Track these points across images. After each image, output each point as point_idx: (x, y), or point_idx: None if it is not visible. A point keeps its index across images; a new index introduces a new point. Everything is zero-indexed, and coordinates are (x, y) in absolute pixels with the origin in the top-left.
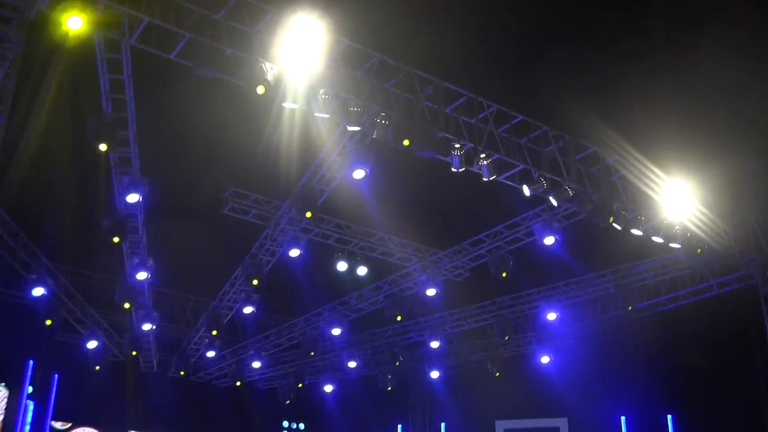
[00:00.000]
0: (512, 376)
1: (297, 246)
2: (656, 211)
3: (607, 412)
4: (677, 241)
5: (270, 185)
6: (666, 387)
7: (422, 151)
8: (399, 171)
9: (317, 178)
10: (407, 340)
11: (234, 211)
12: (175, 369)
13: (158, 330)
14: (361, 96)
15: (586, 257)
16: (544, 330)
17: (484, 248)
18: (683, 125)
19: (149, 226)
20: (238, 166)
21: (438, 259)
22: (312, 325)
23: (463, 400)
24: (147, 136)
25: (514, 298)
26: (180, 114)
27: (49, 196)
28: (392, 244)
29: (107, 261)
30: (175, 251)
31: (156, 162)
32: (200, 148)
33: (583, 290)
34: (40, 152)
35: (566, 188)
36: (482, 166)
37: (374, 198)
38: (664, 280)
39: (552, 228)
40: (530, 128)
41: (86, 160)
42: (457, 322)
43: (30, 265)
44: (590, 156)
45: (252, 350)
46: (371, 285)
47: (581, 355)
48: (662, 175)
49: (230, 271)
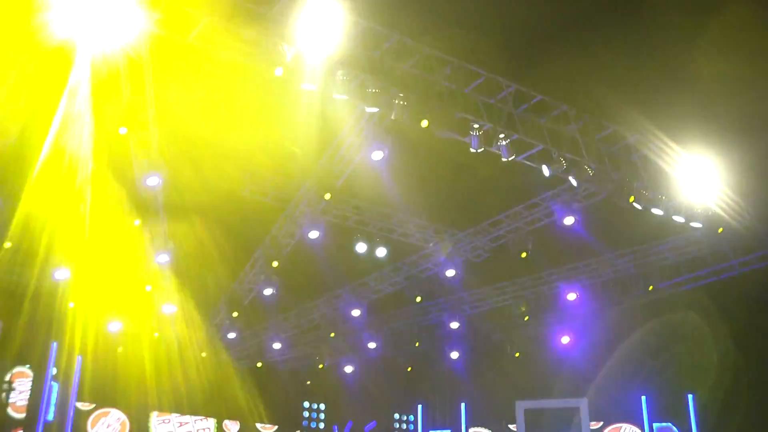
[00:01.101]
0: (532, 356)
1: (316, 228)
2: (677, 190)
3: (628, 392)
4: (698, 220)
5: (289, 167)
6: (687, 367)
7: (441, 131)
8: (418, 152)
9: (336, 160)
10: (427, 321)
11: (253, 192)
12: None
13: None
14: (380, 77)
15: (606, 237)
16: (564, 310)
17: (504, 229)
18: (705, 104)
19: (169, 208)
20: (258, 147)
21: (457, 240)
22: (332, 306)
23: (483, 381)
24: (166, 119)
25: (533, 278)
26: (198, 96)
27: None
28: (411, 225)
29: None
30: (195, 233)
31: (175, 144)
32: (219, 130)
33: (603, 270)
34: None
35: (586, 168)
36: (501, 147)
37: (393, 179)
38: (685, 259)
39: (572, 208)
40: (550, 108)
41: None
42: (477, 303)
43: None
44: (610, 135)
45: (272, 332)
46: (390, 266)
47: (601, 336)
48: (683, 153)
49: (250, 253)
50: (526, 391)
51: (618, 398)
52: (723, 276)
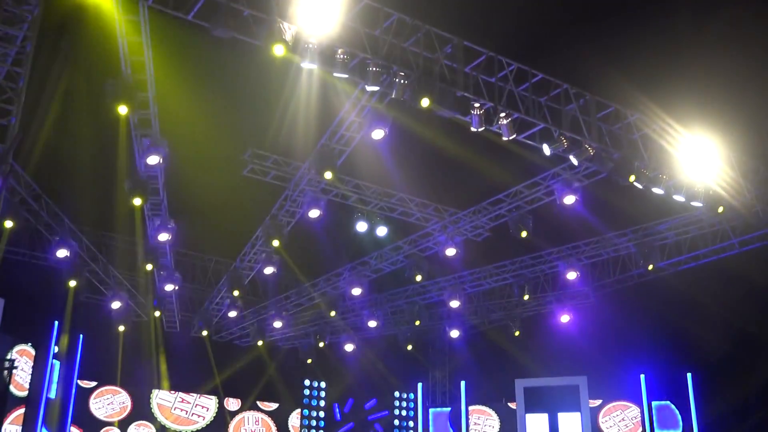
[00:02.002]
0: (532, 335)
1: (316, 206)
2: (678, 169)
3: (627, 370)
4: (699, 199)
5: (289, 146)
6: (685, 345)
7: (441, 110)
8: (418, 131)
9: (336, 139)
10: (427, 300)
11: (254, 172)
12: (197, 329)
13: (180, 290)
14: (380, 55)
15: (606, 216)
16: (564, 289)
17: (504, 208)
18: (706, 83)
19: (170, 188)
20: (258, 127)
21: (457, 219)
22: (332, 285)
23: (483, 359)
24: (166, 98)
25: (533, 257)
26: (199, 75)
27: (70, 159)
28: (412, 204)
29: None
30: (196, 213)
31: (175, 123)
32: (220, 110)
33: (604, 249)
34: (61, 115)
35: (587, 147)
36: (502, 126)
37: (393, 158)
38: (685, 238)
39: (572, 187)
40: (550, 86)
41: (107, 123)
42: (477, 282)
43: (53, 228)
44: (611, 114)
45: (273, 310)
46: (391, 245)
47: (601, 314)
48: (684, 133)
49: (251, 232)
50: (525, 369)
51: (617, 377)
52: (723, 255)
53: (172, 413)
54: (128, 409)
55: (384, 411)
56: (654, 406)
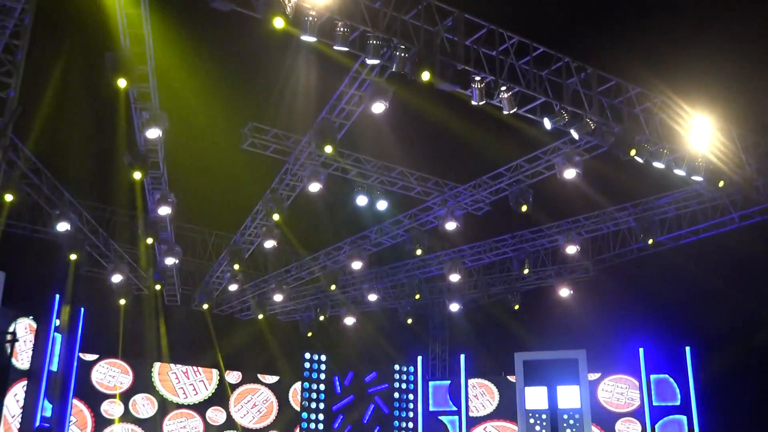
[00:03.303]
0: (531, 309)
1: (317, 180)
2: (679, 143)
3: (626, 344)
4: (699, 174)
5: (289, 120)
6: (684, 319)
7: (442, 84)
8: (418, 104)
9: (336, 113)
10: (427, 274)
11: (254, 146)
12: (198, 302)
13: (181, 264)
14: (380, 28)
15: (606, 191)
16: (563, 263)
17: (504, 182)
18: (708, 57)
19: (170, 162)
20: (258, 100)
21: (458, 193)
22: (333, 258)
23: (483, 333)
24: (166, 71)
25: (533, 231)
26: (198, 48)
27: (70, 133)
28: (412, 178)
29: (130, 196)
30: (196, 186)
31: (175, 97)
32: (219, 83)
33: (604, 224)
34: (60, 89)
35: (587, 121)
36: (502, 99)
37: (394, 132)
38: (685, 213)
39: (573, 161)
40: (551, 60)
41: (106, 96)
42: (477, 256)
43: (53, 201)
44: (612, 88)
45: (273, 284)
46: (391, 219)
47: (600, 289)
48: (686, 107)
49: (251, 206)
50: (525, 343)
51: (616, 350)
52: (723, 230)
53: (173, 386)
54: (130, 382)
55: (384, 384)
56: (653, 380)
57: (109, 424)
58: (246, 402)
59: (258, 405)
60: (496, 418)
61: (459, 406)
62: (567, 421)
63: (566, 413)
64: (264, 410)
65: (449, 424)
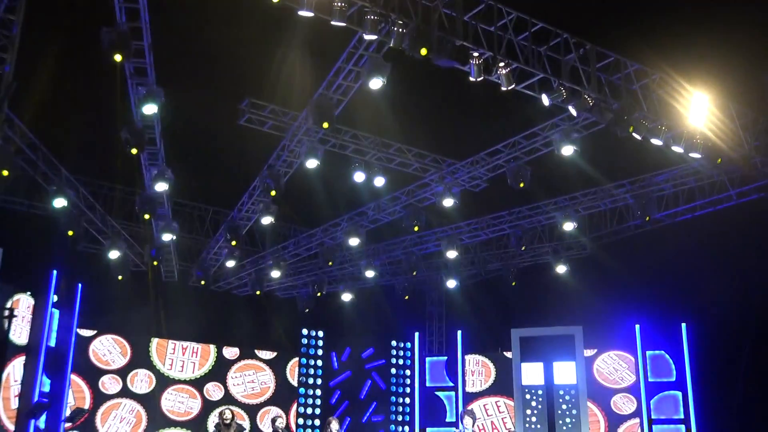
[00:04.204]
0: (528, 285)
1: (314, 157)
2: (677, 120)
3: (622, 320)
4: (697, 150)
5: (287, 96)
6: (680, 296)
7: (440, 60)
8: (416, 80)
9: (334, 88)
10: (424, 250)
11: (251, 122)
12: (195, 278)
13: (178, 240)
14: (378, 4)
15: (604, 167)
16: (560, 240)
17: (502, 158)
18: (707, 33)
19: (167, 137)
20: (255, 76)
21: (455, 170)
22: (330, 235)
23: (480, 309)
24: (162, 47)
25: (531, 208)
26: (195, 23)
27: (67, 108)
28: (410, 155)
29: (127, 172)
30: (194, 163)
31: (172, 72)
32: (216, 58)
33: (601, 200)
34: (56, 64)
35: (586, 97)
36: (501, 76)
37: (392, 108)
38: (683, 190)
39: (571, 138)
40: (550, 36)
41: (103, 71)
42: (474, 233)
43: (50, 177)
44: (611, 64)
45: (271, 260)
46: (388, 195)
47: (597, 265)
48: (684, 83)
49: (248, 182)
50: (521, 319)
51: (612, 327)
52: (720, 207)
53: (171, 361)
54: (127, 357)
55: (381, 360)
56: (648, 356)
57: (108, 400)
58: (244, 377)
59: (255, 380)
60: (493, 393)
61: (456, 381)
62: (563, 397)
63: (562, 389)
64: (261, 386)
65: (446, 399)
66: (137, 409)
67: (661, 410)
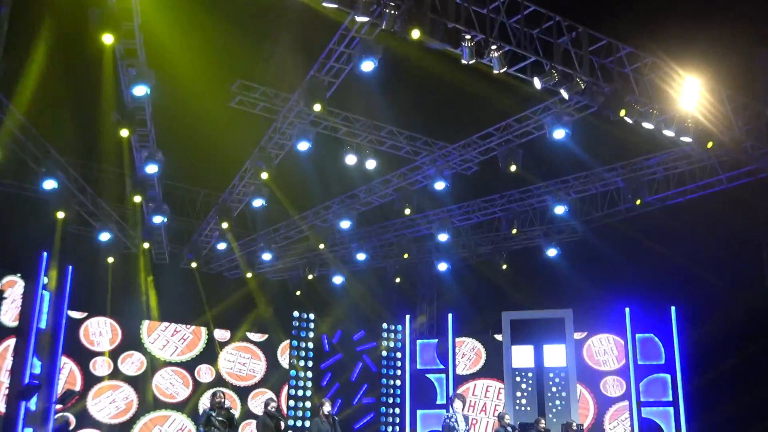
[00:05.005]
0: (519, 268)
1: (305, 139)
2: (668, 104)
3: (612, 303)
4: (688, 134)
5: (278, 78)
6: (670, 279)
7: (432, 42)
8: (408, 63)
9: (325, 71)
10: (415, 233)
11: (242, 104)
12: (186, 261)
13: (169, 222)
14: None
15: (595, 151)
16: (552, 223)
17: (494, 141)
18: (699, 17)
19: (157, 119)
20: (246, 58)
21: (447, 153)
22: (321, 217)
23: (471, 292)
24: (152, 28)
25: (522, 191)
26: (186, 4)
27: (57, 90)
28: (401, 137)
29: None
30: (184, 144)
31: (162, 54)
32: (207, 40)
33: (592, 184)
34: (46, 45)
35: (578, 80)
36: (493, 58)
37: (383, 91)
38: (674, 174)
39: (562, 121)
40: (542, 19)
41: (92, 52)
42: (466, 216)
43: (40, 159)
44: (603, 48)
45: (262, 243)
46: (380, 178)
47: (588, 249)
48: (676, 67)
49: (240, 164)
50: (512, 302)
51: (602, 310)
52: (711, 191)
53: (162, 344)
54: (118, 340)
55: (372, 342)
56: (638, 339)
57: (99, 382)
58: (234, 360)
59: (246, 363)
60: (483, 376)
61: (446, 364)
62: (553, 380)
63: (552, 371)
64: (251, 368)
65: (436, 382)
66: (128, 391)
67: (650, 393)
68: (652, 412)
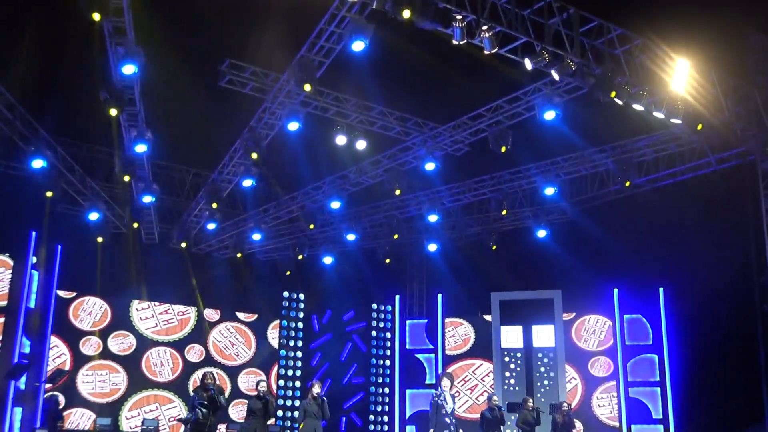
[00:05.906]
0: (509, 249)
1: (295, 119)
2: (658, 86)
3: (600, 284)
4: (678, 116)
5: (268, 57)
6: (659, 261)
7: (422, 22)
8: (399, 43)
9: (315, 50)
10: (405, 214)
11: (231, 83)
12: (176, 240)
13: (159, 202)
14: None
15: (585, 132)
16: (541, 205)
17: (484, 122)
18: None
19: (146, 98)
20: (235, 37)
21: (437, 134)
22: (311, 198)
23: (460, 273)
24: (141, 6)
25: (512, 172)
26: None
27: (45, 69)
28: (392, 118)
29: (106, 134)
30: (174, 124)
31: (151, 32)
32: (197, 19)
33: (582, 165)
34: (34, 24)
35: (568, 62)
36: (484, 39)
37: (374, 71)
38: (663, 155)
39: (553, 102)
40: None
41: (81, 31)
42: (456, 196)
43: (28, 138)
44: (594, 29)
45: (252, 223)
46: (370, 159)
47: (577, 230)
48: (666, 49)
49: (229, 144)
50: (501, 282)
51: (590, 290)
52: (700, 172)
53: (151, 323)
54: (108, 319)
55: (362, 322)
56: (626, 320)
57: (88, 361)
58: (223, 339)
59: (236, 343)
60: (472, 356)
61: (435, 344)
62: (541, 360)
63: (541, 352)
64: (240, 348)
65: (425, 361)
66: (117, 370)
67: (637, 373)
68: (639, 392)
